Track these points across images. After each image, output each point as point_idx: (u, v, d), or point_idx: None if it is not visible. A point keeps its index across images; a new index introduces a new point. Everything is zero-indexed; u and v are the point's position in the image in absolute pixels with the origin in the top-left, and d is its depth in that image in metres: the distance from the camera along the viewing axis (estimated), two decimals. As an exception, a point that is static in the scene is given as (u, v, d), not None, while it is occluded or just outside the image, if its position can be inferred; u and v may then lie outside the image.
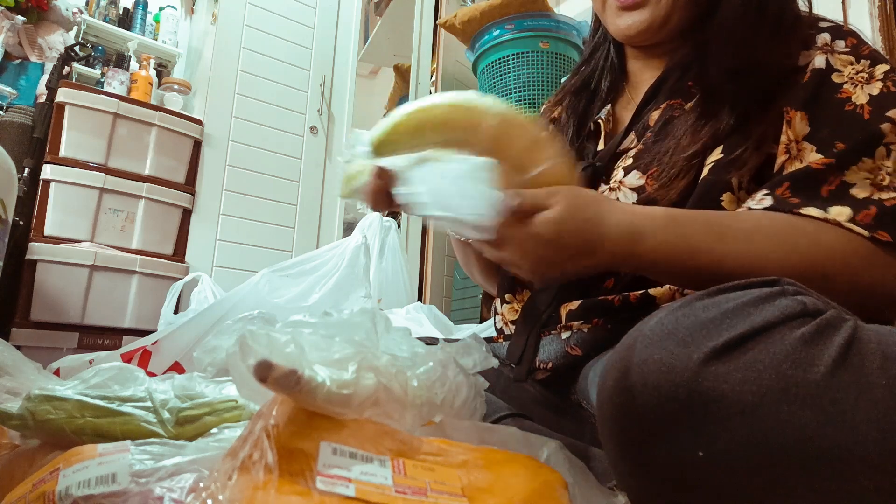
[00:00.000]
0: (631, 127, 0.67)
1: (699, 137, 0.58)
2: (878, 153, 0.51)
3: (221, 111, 2.29)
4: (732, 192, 0.56)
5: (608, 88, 0.74)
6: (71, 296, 1.84)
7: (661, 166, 0.60)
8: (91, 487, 0.34)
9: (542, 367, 0.64)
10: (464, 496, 0.33)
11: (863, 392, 0.32)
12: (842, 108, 0.54)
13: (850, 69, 0.55)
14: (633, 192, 0.61)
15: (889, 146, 0.51)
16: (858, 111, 0.53)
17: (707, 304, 0.36)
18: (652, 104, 0.66)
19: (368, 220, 1.73)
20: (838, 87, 0.55)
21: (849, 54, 0.56)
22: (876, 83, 0.53)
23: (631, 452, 0.35)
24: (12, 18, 2.11)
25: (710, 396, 0.32)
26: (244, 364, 0.32)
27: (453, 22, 1.72)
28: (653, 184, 0.60)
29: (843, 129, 0.53)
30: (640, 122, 0.66)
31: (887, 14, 1.08)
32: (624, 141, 0.67)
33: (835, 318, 0.35)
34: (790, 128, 0.55)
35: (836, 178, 0.51)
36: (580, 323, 0.61)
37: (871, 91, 0.53)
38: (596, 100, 0.75)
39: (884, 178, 0.50)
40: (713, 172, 0.57)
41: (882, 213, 0.49)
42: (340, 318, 0.41)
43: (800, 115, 0.55)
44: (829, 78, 0.55)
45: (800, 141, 0.54)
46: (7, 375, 0.52)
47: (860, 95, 0.53)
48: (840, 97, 0.54)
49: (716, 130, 0.57)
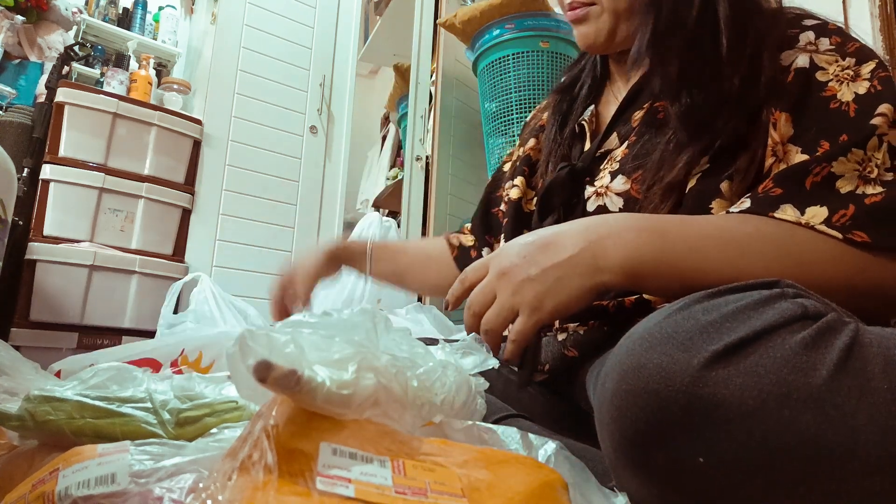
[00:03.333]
0: (612, 127, 0.66)
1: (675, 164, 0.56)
2: (870, 144, 0.50)
3: (221, 111, 2.29)
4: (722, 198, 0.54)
5: (590, 89, 0.74)
6: (70, 296, 1.84)
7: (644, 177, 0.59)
8: (90, 488, 0.34)
9: (539, 369, 0.64)
10: (464, 496, 0.33)
11: (864, 396, 0.31)
12: (827, 106, 0.52)
13: (836, 66, 0.54)
14: (620, 196, 0.60)
15: (882, 137, 0.50)
16: (844, 108, 0.51)
17: (707, 307, 0.36)
18: (635, 104, 0.66)
19: (368, 220, 1.73)
20: (823, 86, 0.53)
21: (833, 52, 0.55)
22: (863, 82, 0.52)
23: (630, 456, 0.35)
24: (12, 18, 2.11)
25: (711, 401, 0.32)
26: (244, 364, 0.32)
27: (453, 21, 1.72)
28: (637, 188, 0.59)
29: (829, 127, 0.51)
30: (622, 123, 0.66)
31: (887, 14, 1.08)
32: (606, 141, 0.66)
33: (836, 322, 0.34)
34: (776, 130, 0.54)
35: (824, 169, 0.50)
36: (576, 325, 0.61)
37: (858, 90, 0.52)
38: (578, 100, 0.75)
39: (872, 171, 0.49)
40: (700, 182, 0.55)
41: (859, 212, 0.48)
42: (340, 318, 0.41)
43: (784, 116, 0.54)
44: (814, 77, 0.54)
45: (785, 143, 0.53)
46: (5, 375, 0.51)
47: (846, 93, 0.52)
48: (825, 95, 0.53)
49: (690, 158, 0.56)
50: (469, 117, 1.99)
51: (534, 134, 0.80)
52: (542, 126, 0.79)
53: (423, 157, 2.00)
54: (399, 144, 2.53)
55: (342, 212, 2.54)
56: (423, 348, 0.44)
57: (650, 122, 0.62)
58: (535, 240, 0.50)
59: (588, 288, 0.48)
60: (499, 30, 1.65)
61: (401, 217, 1.98)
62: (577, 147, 0.71)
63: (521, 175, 0.76)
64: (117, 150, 2.01)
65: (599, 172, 0.64)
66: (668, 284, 0.49)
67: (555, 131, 0.73)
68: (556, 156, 0.71)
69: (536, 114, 0.86)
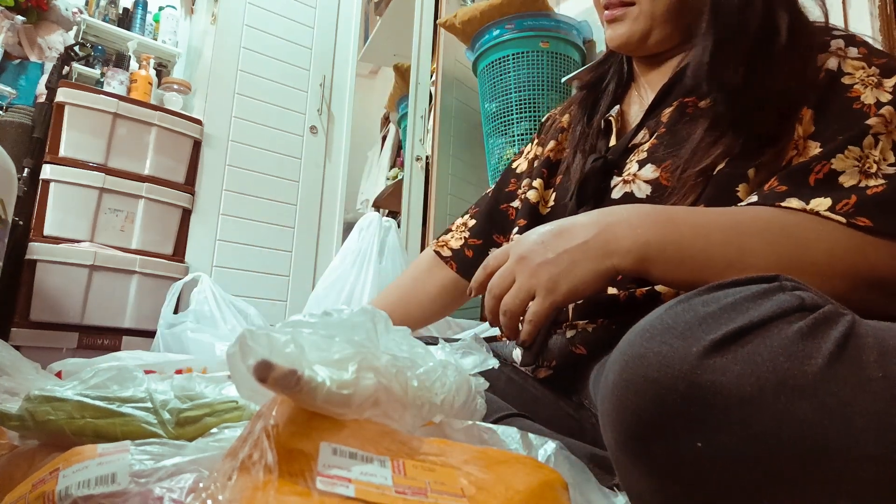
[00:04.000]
0: (643, 124, 0.69)
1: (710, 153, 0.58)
2: (865, 142, 0.52)
3: (221, 111, 2.29)
4: (748, 184, 0.57)
5: (616, 87, 0.77)
6: (70, 296, 1.84)
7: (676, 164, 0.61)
8: (91, 488, 0.34)
9: (545, 365, 0.64)
10: (464, 496, 0.33)
11: (860, 385, 0.32)
12: (850, 106, 0.54)
13: (862, 72, 0.56)
14: (648, 184, 0.63)
15: (878, 136, 0.52)
16: (865, 110, 0.54)
17: (706, 300, 0.36)
18: (664, 103, 0.68)
19: (368, 220, 1.73)
20: (848, 88, 0.56)
21: (861, 60, 0.57)
22: (885, 93, 0.54)
23: (631, 445, 0.35)
24: (12, 18, 2.11)
25: (709, 389, 0.32)
26: (244, 364, 0.32)
27: (453, 22, 1.72)
28: (667, 176, 0.61)
29: (848, 126, 0.53)
30: (652, 119, 0.68)
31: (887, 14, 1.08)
32: (636, 136, 0.68)
33: (832, 313, 0.35)
34: (801, 125, 0.56)
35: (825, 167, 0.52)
36: (585, 322, 0.61)
37: (880, 97, 0.54)
38: (604, 97, 0.77)
39: (871, 166, 0.51)
40: (729, 165, 0.58)
41: (862, 201, 0.50)
42: (340, 318, 0.41)
43: (810, 113, 0.56)
44: (839, 80, 0.56)
45: (806, 139, 0.55)
46: (6, 375, 0.52)
47: (868, 96, 0.54)
48: (850, 96, 0.55)
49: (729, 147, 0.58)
50: (469, 117, 1.99)
51: (554, 136, 0.82)
52: (563, 128, 0.82)
53: (423, 157, 2.00)
54: (399, 144, 2.53)
55: (342, 212, 2.53)
56: (423, 348, 0.44)
57: (680, 117, 0.65)
58: (552, 228, 0.54)
59: (600, 271, 0.51)
60: (499, 30, 1.65)
61: (401, 217, 1.98)
62: (602, 142, 0.73)
63: (539, 177, 0.78)
64: (117, 150, 2.01)
65: (627, 164, 0.66)
66: (675, 269, 0.51)
67: (583, 124, 0.76)
68: (583, 147, 0.74)
69: (554, 116, 0.88)
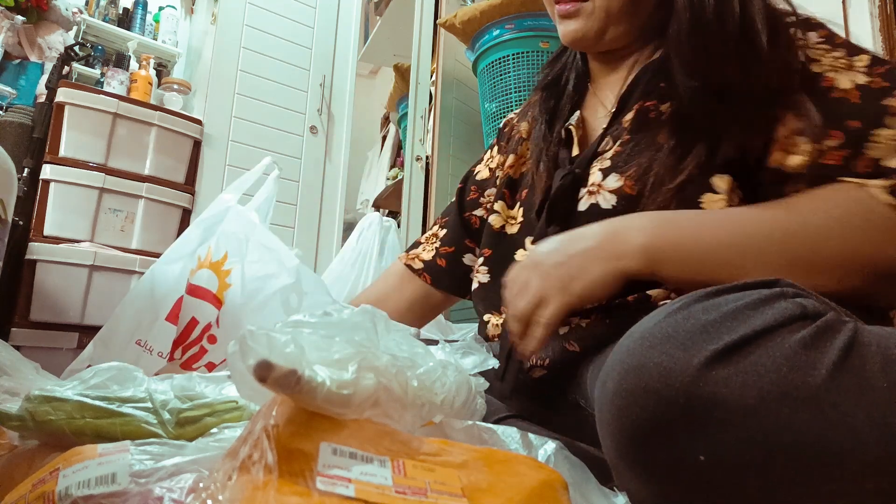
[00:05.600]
0: (606, 134, 0.66)
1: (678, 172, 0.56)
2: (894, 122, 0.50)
3: (221, 111, 2.29)
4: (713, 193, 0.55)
5: (574, 87, 0.74)
6: (70, 296, 1.84)
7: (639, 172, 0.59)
8: (91, 487, 0.34)
9: (539, 365, 0.64)
10: (464, 496, 0.33)
11: (863, 395, 0.31)
12: (827, 95, 0.53)
13: (829, 57, 0.55)
14: (613, 194, 0.61)
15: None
16: (844, 96, 0.52)
17: (706, 307, 0.36)
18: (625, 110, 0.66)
19: (368, 220, 1.73)
20: (820, 77, 0.54)
21: (823, 44, 0.56)
22: (859, 74, 0.53)
23: (631, 455, 0.35)
24: (12, 18, 2.10)
25: (711, 400, 0.32)
26: (244, 364, 0.32)
27: (453, 22, 1.72)
28: (630, 185, 0.60)
29: (834, 116, 0.52)
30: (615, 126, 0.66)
31: (887, 14, 1.08)
32: (600, 145, 0.66)
33: (834, 321, 0.34)
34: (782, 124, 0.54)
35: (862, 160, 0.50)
36: (578, 318, 0.61)
37: (856, 80, 0.53)
38: (564, 97, 0.74)
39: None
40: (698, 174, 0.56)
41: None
42: (340, 318, 0.41)
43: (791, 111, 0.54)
44: (809, 69, 0.55)
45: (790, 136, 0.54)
46: (6, 375, 0.52)
47: (843, 81, 0.53)
48: (824, 85, 0.54)
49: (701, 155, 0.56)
50: (469, 117, 1.99)
51: (514, 149, 0.78)
52: (522, 138, 0.78)
53: (423, 157, 2.00)
54: (399, 144, 2.53)
55: (342, 212, 2.54)
56: (423, 348, 0.44)
57: (641, 122, 0.62)
58: (566, 235, 0.54)
59: (611, 273, 0.51)
60: (499, 30, 1.65)
61: (401, 217, 1.98)
62: (563, 151, 0.70)
63: (500, 199, 0.76)
64: (117, 150, 2.01)
65: (590, 173, 0.64)
66: (685, 269, 0.50)
67: (544, 130, 0.73)
68: (547, 156, 0.71)
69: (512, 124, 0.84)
